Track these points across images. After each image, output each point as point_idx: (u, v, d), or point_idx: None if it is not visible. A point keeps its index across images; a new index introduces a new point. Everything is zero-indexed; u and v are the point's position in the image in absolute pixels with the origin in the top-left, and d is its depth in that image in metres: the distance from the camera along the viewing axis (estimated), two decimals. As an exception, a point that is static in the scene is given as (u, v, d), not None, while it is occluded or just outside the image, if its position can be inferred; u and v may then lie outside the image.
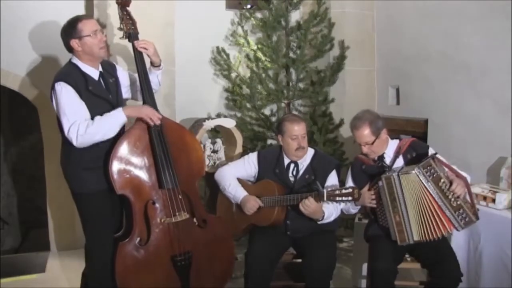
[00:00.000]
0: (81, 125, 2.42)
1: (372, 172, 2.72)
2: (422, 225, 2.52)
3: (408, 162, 2.68)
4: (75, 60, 2.57)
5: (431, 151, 2.70)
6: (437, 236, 2.51)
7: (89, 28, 2.52)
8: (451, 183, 2.49)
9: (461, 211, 2.48)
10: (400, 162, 2.71)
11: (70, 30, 2.52)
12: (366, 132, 2.66)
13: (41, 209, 4.39)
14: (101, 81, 2.61)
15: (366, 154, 2.73)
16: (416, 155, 2.69)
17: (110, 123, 2.50)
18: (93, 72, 2.59)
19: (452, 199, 2.48)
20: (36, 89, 3.78)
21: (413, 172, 2.49)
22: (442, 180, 2.49)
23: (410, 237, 2.54)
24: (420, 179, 2.49)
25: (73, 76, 2.50)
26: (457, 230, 2.54)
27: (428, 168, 2.49)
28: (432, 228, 2.50)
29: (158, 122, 2.60)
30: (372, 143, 2.67)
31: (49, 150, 3.86)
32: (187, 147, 2.76)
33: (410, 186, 2.52)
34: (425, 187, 2.49)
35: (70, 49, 2.56)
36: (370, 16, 4.41)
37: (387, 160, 2.72)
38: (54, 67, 3.60)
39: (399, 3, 4.12)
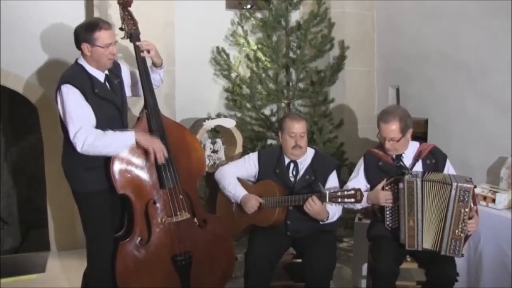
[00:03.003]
0: (90, 134, 2.41)
1: (389, 171, 2.67)
2: (434, 235, 2.51)
3: (427, 168, 2.64)
4: (82, 61, 2.57)
5: (447, 163, 2.68)
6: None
7: (105, 40, 2.51)
8: (470, 217, 2.47)
9: (457, 242, 2.47)
10: (419, 166, 2.67)
11: (86, 34, 2.50)
12: (394, 127, 2.59)
13: (41, 209, 4.38)
14: (107, 83, 2.61)
15: (386, 149, 2.66)
16: (436, 162, 2.66)
17: (119, 143, 2.50)
18: (99, 75, 2.59)
19: (460, 229, 2.46)
20: (37, 89, 3.77)
21: (450, 185, 2.44)
22: (466, 210, 2.45)
23: (420, 243, 2.53)
24: (450, 195, 2.45)
25: (79, 78, 2.49)
26: (439, 253, 2.52)
27: (465, 192, 2.44)
28: (441, 239, 2.49)
29: (162, 161, 2.56)
30: (398, 141, 2.61)
31: (49, 150, 3.86)
32: (187, 147, 2.76)
33: (434, 194, 2.49)
34: (448, 202, 2.46)
35: (79, 48, 2.55)
36: (370, 16, 4.41)
37: (406, 161, 2.66)
38: (54, 67, 3.61)
39: (399, 3, 4.12)
